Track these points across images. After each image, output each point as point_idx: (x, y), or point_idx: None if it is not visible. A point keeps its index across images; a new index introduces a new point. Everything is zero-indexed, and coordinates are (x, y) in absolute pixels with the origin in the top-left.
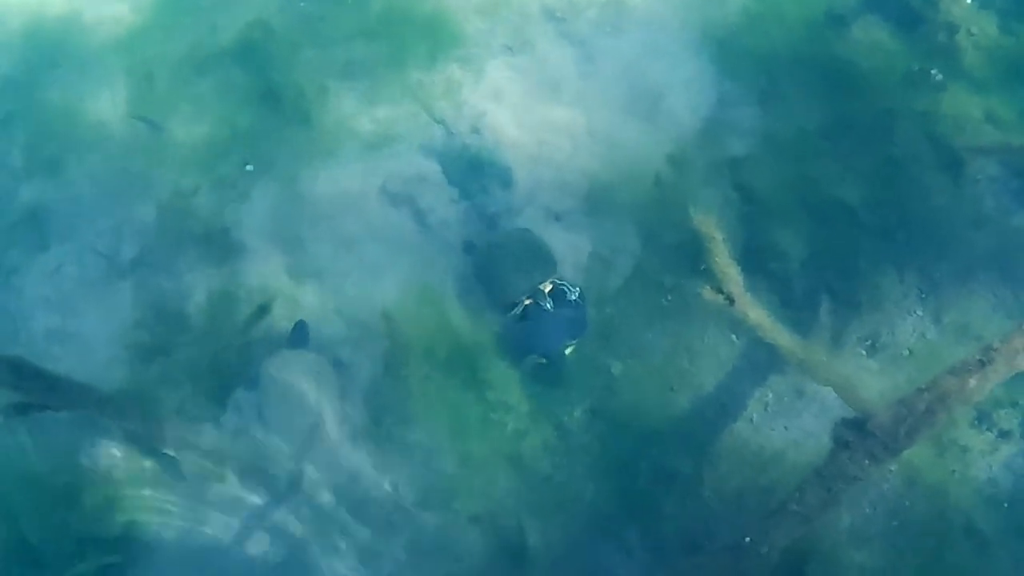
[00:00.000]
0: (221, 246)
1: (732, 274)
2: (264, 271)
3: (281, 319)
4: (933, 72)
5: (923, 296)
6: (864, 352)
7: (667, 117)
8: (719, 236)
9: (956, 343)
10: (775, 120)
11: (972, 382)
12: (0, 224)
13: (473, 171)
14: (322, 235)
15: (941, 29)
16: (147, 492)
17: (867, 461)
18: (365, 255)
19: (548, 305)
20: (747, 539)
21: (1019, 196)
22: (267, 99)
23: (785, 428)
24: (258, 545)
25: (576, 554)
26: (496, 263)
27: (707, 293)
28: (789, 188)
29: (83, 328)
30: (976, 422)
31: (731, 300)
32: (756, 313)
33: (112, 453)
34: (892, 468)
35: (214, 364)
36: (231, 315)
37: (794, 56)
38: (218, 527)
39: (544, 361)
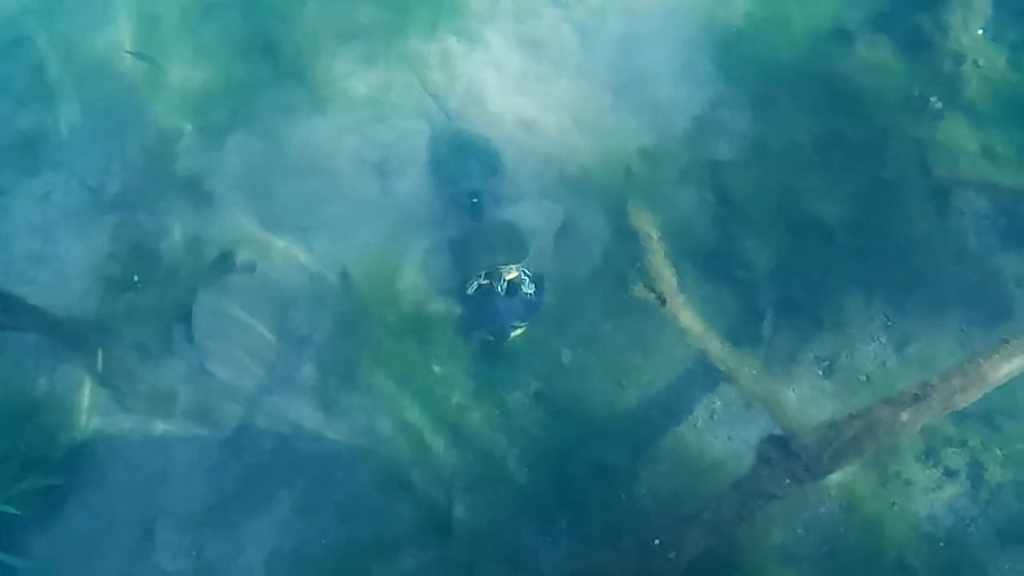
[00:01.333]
0: (199, 191)
1: (666, 274)
2: (236, 219)
3: (246, 263)
4: (933, 99)
5: (889, 324)
6: (820, 372)
7: (657, 111)
8: (655, 234)
9: (915, 375)
10: (765, 127)
11: (905, 415)
12: None
13: (456, 146)
14: (296, 191)
15: (948, 56)
16: (97, 420)
17: (787, 480)
18: (335, 215)
19: (501, 289)
20: (656, 541)
21: (1004, 235)
22: (265, 52)
23: (728, 438)
24: (197, 484)
25: (500, 533)
26: (464, 240)
27: (639, 291)
28: (768, 197)
29: (61, 255)
30: (923, 457)
31: (662, 300)
32: (687, 316)
33: (68, 380)
34: (832, 492)
35: (176, 304)
36: (198, 259)
37: (794, 66)
38: (161, 462)
39: (491, 338)
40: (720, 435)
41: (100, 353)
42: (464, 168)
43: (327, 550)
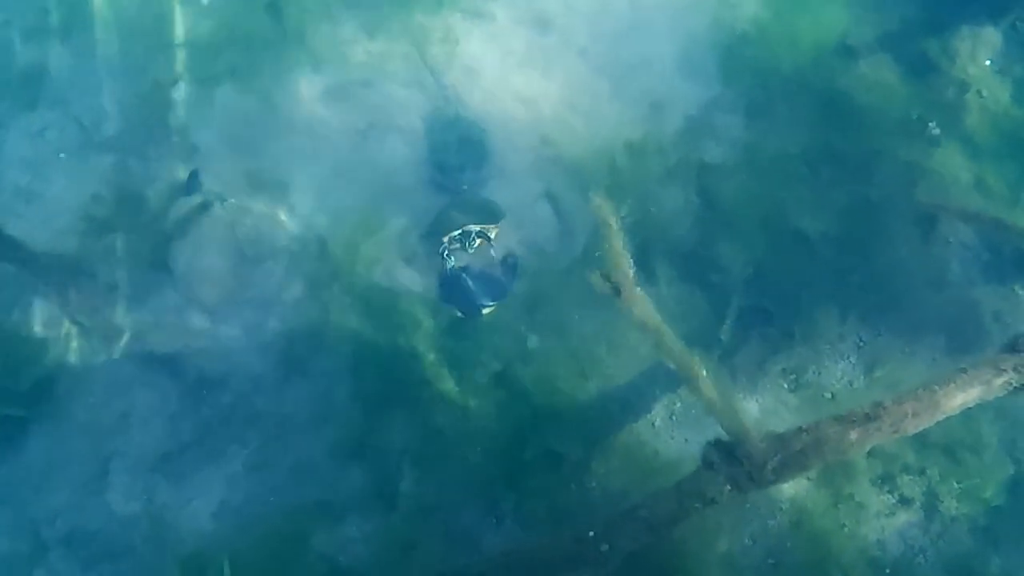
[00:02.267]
0: (188, 141)
1: (623, 264)
2: (220, 171)
3: (220, 218)
4: (931, 124)
5: (861, 344)
6: (786, 385)
7: (653, 105)
8: (615, 224)
9: (881, 398)
10: (759, 135)
11: (853, 435)
12: None
13: (448, 122)
14: (284, 149)
15: (952, 84)
16: (64, 357)
17: (728, 486)
18: (318, 176)
19: (468, 248)
20: (591, 533)
21: (986, 269)
22: (270, 10)
23: (685, 440)
24: (155, 430)
25: (446, 509)
26: (444, 214)
27: (595, 279)
28: (753, 205)
29: (48, 192)
30: (879, 481)
31: (617, 290)
32: (642, 309)
33: (40, 314)
34: (783, 506)
35: (153, 251)
36: (178, 207)
37: (794, 76)
38: (122, 404)
39: (460, 315)
40: (677, 436)
41: (73, 292)
42: (452, 148)
43: (274, 509)
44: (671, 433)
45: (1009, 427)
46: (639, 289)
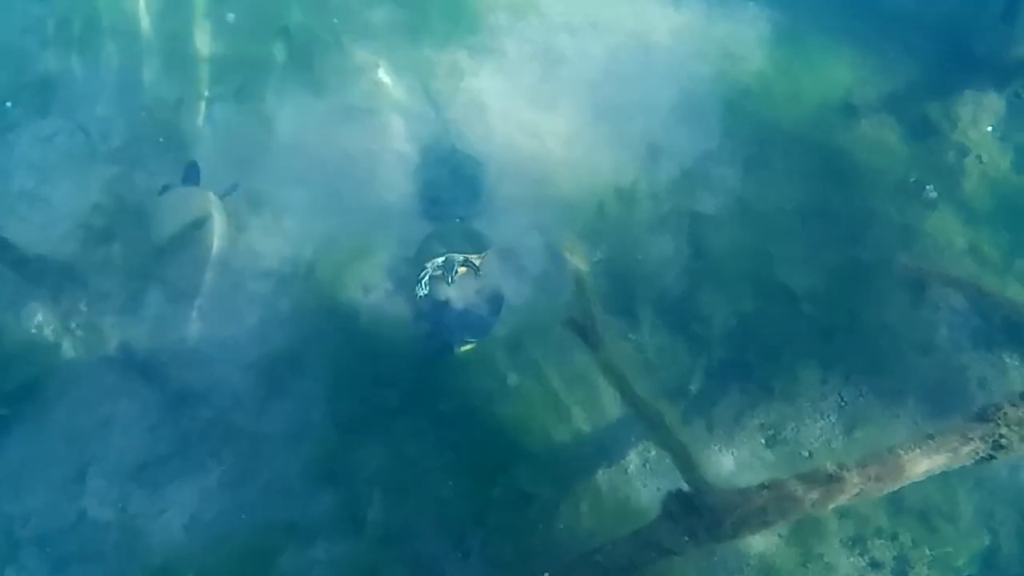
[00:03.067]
0: (189, 157)
1: (592, 311)
2: (220, 188)
3: (215, 235)
4: (929, 188)
5: (842, 404)
6: (763, 440)
7: (651, 153)
8: (585, 268)
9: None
10: (754, 188)
11: (815, 495)
12: (16, 82)
13: (445, 155)
14: (282, 170)
15: (952, 148)
16: (52, 360)
17: (686, 538)
18: (311, 199)
19: (450, 281)
20: (546, 574)
21: (975, 336)
22: (282, 34)
23: (657, 489)
24: (135, 439)
25: (413, 540)
26: (429, 241)
27: (565, 323)
28: (742, 258)
29: (51, 197)
30: (850, 543)
31: (583, 334)
32: (607, 353)
33: (31, 316)
34: (751, 562)
35: (147, 263)
36: (176, 222)
37: (794, 132)
38: (105, 411)
39: (439, 348)
40: (649, 484)
41: (66, 296)
42: (447, 181)
43: (244, 526)
44: (644, 481)
45: (987, 497)
46: (605, 335)
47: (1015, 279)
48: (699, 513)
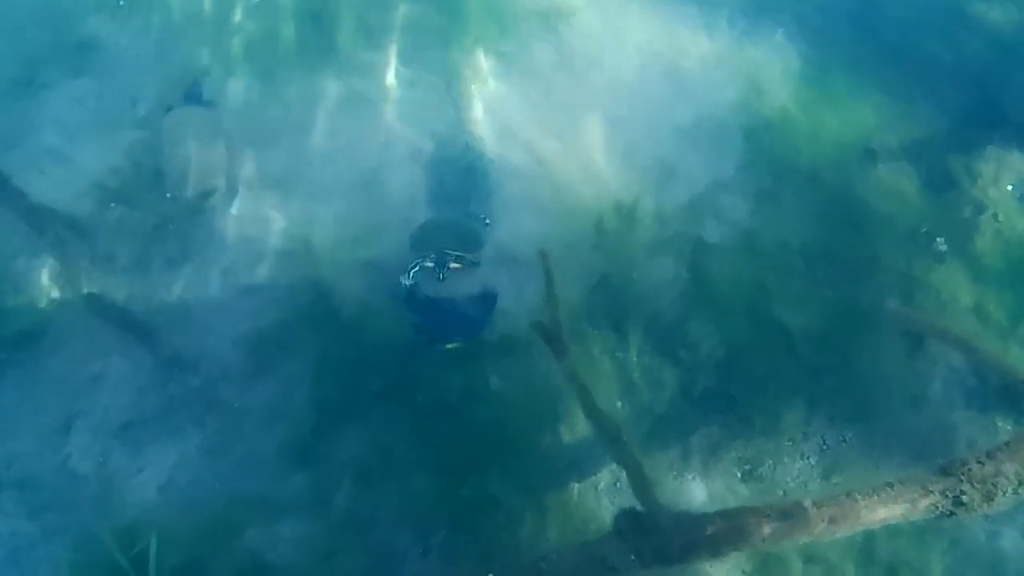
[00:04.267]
0: (210, 128)
1: (556, 314)
2: (235, 162)
3: (224, 205)
4: (940, 240)
5: (824, 447)
6: (739, 474)
7: (664, 175)
8: (552, 274)
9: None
10: (762, 222)
11: (767, 530)
12: (57, 42)
13: (457, 155)
14: (297, 152)
15: (969, 203)
16: (53, 311)
17: (632, 557)
18: (321, 180)
19: (441, 276)
20: (490, 575)
21: (969, 395)
22: (313, 19)
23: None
24: (123, 397)
25: (375, 530)
26: (425, 230)
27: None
28: (741, 290)
29: (76, 157)
30: None
31: (548, 340)
32: (568, 363)
33: (38, 267)
34: None
35: (155, 229)
36: (188, 189)
37: (809, 170)
38: (97, 367)
39: (427, 343)
40: (617, 503)
41: (74, 253)
42: (457, 179)
43: (216, 495)
44: (612, 499)
45: (961, 558)
46: (569, 344)
47: (1018, 343)
48: (647, 533)
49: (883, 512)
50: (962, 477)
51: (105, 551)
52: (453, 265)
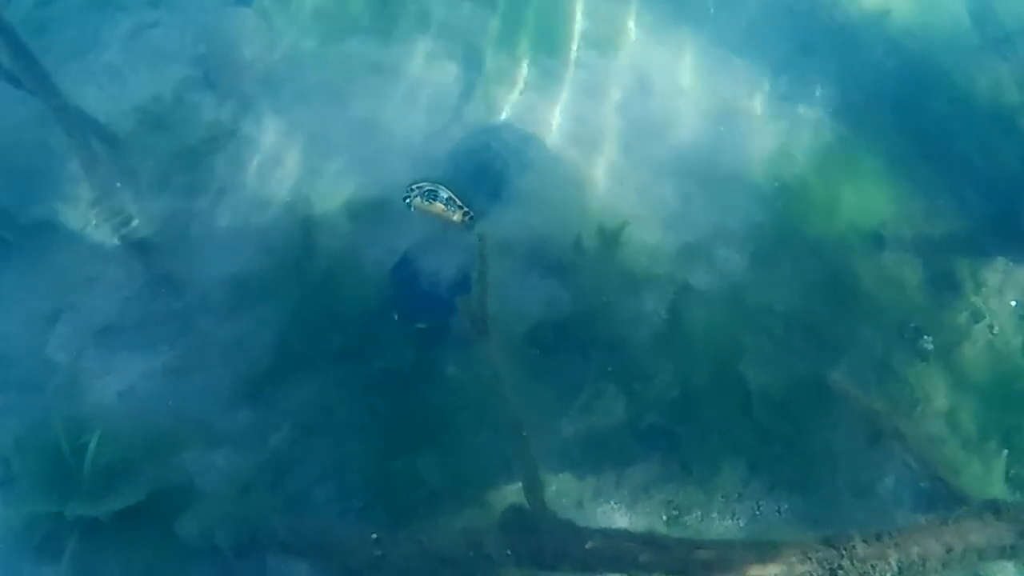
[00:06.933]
0: (264, 86)
1: (484, 299)
2: (279, 121)
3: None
4: (927, 338)
5: (757, 512)
6: (664, 516)
7: (666, 216)
8: (487, 259)
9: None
10: (752, 281)
11: (643, 558)
12: None
13: (475, 151)
14: (332, 118)
15: (967, 309)
16: (70, 213)
17: (508, 552)
18: (345, 150)
19: (427, 201)
20: (374, 536)
21: (919, 496)
22: (379, 2)
23: None
24: (110, 302)
25: (300, 479)
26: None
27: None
28: (713, 340)
29: (129, 79)
30: None
31: (471, 317)
32: (489, 349)
33: (69, 172)
34: None
35: (179, 158)
36: (217, 128)
37: (813, 242)
38: (94, 270)
39: (395, 317)
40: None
41: (103, 162)
42: (470, 171)
43: (167, 411)
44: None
45: None
46: (493, 331)
47: (979, 460)
48: (528, 533)
49: (757, 570)
50: (843, 552)
51: (52, 436)
52: (440, 207)
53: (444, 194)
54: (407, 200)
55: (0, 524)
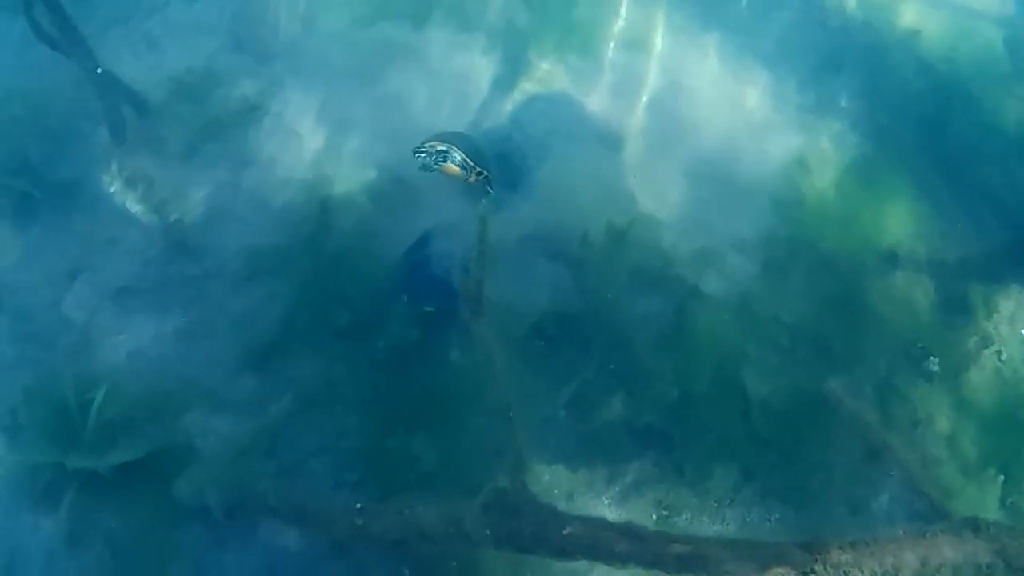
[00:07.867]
0: (293, 63)
1: (480, 275)
2: (309, 98)
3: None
4: (933, 359)
5: (747, 519)
6: (654, 516)
7: (682, 220)
8: (486, 240)
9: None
10: (762, 291)
11: (620, 547)
12: None
13: (496, 140)
14: (359, 97)
15: (977, 334)
16: (97, 176)
17: (487, 531)
18: (368, 131)
19: (436, 164)
20: (359, 505)
21: (912, 516)
22: None
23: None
24: (129, 264)
25: (295, 450)
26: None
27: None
28: (718, 345)
29: (167, 50)
30: None
31: (466, 296)
32: (480, 327)
33: (99, 136)
34: None
35: (205, 130)
36: (245, 102)
37: (826, 256)
38: (116, 232)
39: (404, 299)
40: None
41: (133, 129)
42: (492, 159)
43: (174, 374)
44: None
45: None
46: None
47: (976, 487)
48: (507, 515)
49: (731, 565)
50: (818, 557)
51: (60, 389)
52: (455, 168)
53: (457, 156)
54: (418, 157)
55: (2, 470)
